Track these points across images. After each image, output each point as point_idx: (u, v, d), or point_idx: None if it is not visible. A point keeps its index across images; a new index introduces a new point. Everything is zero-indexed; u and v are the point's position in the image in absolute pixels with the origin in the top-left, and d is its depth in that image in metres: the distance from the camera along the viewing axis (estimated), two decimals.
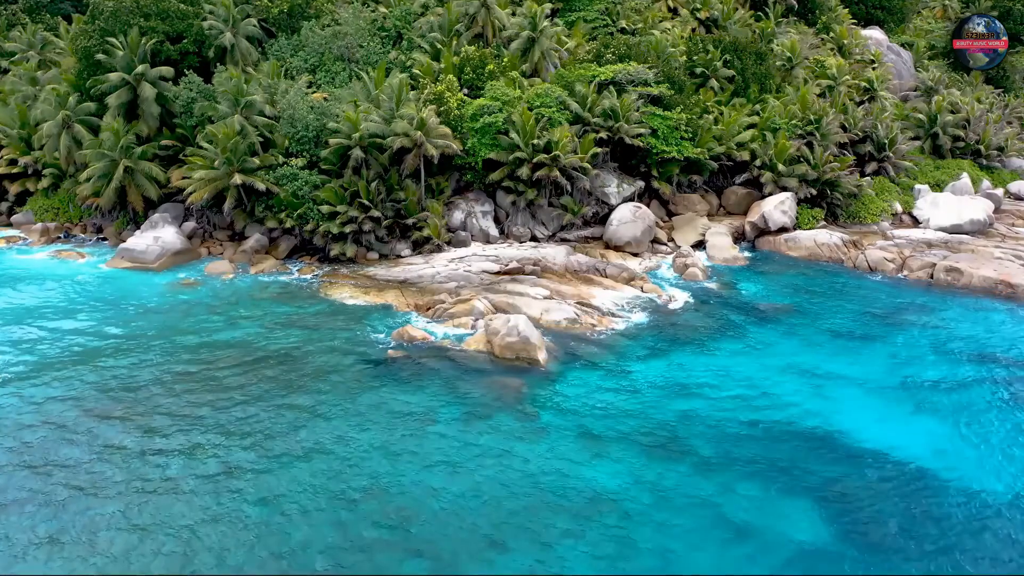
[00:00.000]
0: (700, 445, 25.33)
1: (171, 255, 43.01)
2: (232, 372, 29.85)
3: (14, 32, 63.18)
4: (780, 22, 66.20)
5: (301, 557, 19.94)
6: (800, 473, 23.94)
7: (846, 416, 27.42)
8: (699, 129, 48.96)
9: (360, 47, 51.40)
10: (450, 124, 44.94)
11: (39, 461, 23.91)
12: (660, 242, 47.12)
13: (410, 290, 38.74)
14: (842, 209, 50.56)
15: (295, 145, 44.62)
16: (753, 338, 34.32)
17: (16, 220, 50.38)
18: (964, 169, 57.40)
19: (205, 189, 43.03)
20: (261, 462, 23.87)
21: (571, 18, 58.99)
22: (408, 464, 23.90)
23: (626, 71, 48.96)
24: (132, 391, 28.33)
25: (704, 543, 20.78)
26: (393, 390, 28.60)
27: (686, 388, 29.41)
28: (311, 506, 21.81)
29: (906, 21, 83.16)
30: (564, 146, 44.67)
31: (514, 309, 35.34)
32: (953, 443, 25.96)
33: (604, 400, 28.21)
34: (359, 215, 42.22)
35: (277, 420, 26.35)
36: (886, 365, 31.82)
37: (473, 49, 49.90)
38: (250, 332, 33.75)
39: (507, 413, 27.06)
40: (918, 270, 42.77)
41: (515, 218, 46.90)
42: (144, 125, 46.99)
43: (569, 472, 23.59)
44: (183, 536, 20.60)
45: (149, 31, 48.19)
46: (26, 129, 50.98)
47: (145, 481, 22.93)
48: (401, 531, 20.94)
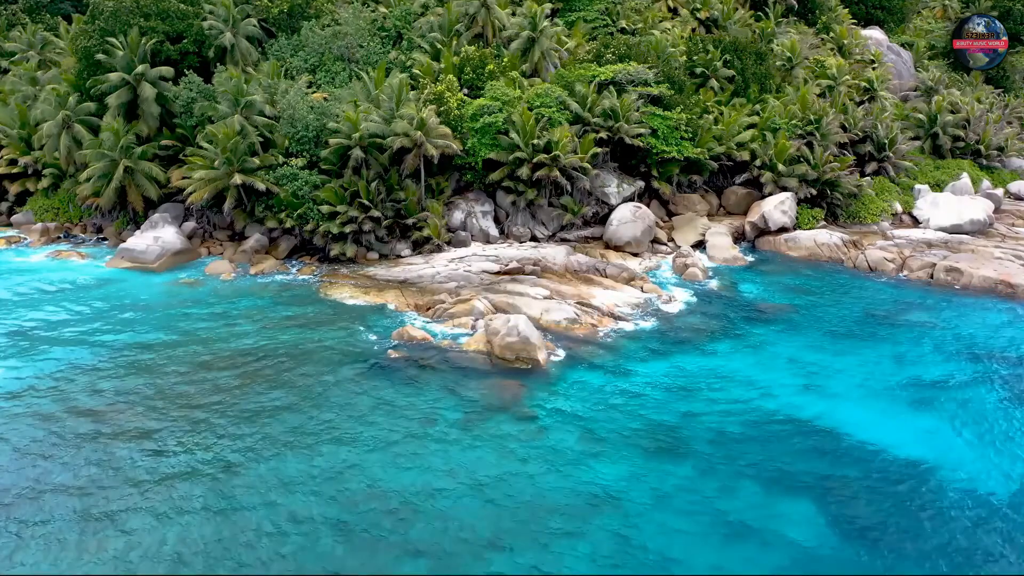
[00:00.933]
0: (700, 445, 25.35)
1: (171, 255, 43.02)
2: (231, 372, 29.88)
3: (14, 32, 63.23)
4: (780, 22, 66.23)
5: (301, 556, 19.96)
6: (800, 473, 23.96)
7: (846, 416, 27.43)
8: (699, 129, 48.96)
9: (360, 47, 51.42)
10: (450, 124, 44.94)
11: (37, 460, 23.91)
12: (660, 242, 47.12)
13: (410, 290, 38.74)
14: (842, 209, 50.56)
15: (295, 145, 44.62)
16: (753, 338, 34.34)
17: (16, 220, 50.38)
18: (964, 169, 57.40)
19: (205, 189, 43.04)
20: (260, 462, 23.88)
21: (571, 18, 59.00)
22: (408, 464, 23.90)
23: (626, 71, 48.95)
24: (131, 391, 28.34)
25: (704, 543, 20.78)
26: (393, 390, 28.61)
27: (686, 388, 29.41)
28: (310, 506, 21.81)
29: (906, 21, 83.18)
30: (564, 146, 44.67)
31: (514, 309, 35.35)
32: (953, 443, 25.99)
33: (604, 400, 28.21)
34: (359, 215, 42.22)
35: (276, 420, 26.36)
36: (886, 365, 31.83)
37: (473, 49, 49.90)
38: (250, 332, 33.76)
39: (507, 413, 27.07)
40: (918, 270, 42.77)
41: (515, 218, 46.90)
42: (144, 125, 47.01)
43: (569, 472, 23.61)
44: (181, 535, 20.61)
45: (149, 31, 48.22)
46: (26, 129, 51.01)
47: (141, 481, 22.93)
48: (401, 531, 20.95)
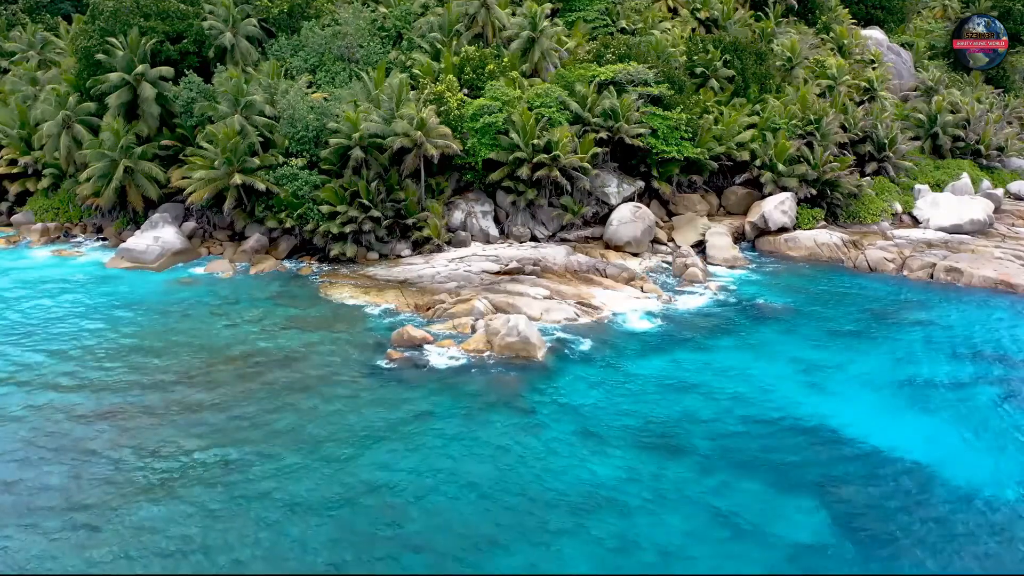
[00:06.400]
0: (699, 443, 25.35)
1: (171, 255, 43.03)
2: (231, 372, 29.88)
3: (14, 32, 63.28)
4: (780, 22, 66.29)
5: (300, 554, 19.95)
6: (799, 471, 23.95)
7: (846, 415, 27.42)
8: (699, 129, 48.96)
9: (360, 47, 51.43)
10: (450, 124, 44.94)
11: (36, 460, 23.91)
12: (660, 242, 47.13)
13: (410, 290, 38.74)
14: (842, 209, 50.57)
15: (295, 145, 44.63)
16: (752, 337, 34.34)
17: (16, 220, 50.39)
18: (964, 169, 57.44)
19: (205, 189, 43.05)
20: (259, 461, 23.87)
21: (571, 18, 59.03)
22: (407, 463, 23.90)
23: (626, 71, 48.95)
24: (130, 391, 28.34)
25: (702, 540, 20.77)
26: (393, 390, 28.61)
27: (686, 387, 29.41)
28: (310, 503, 21.81)
29: (906, 21, 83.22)
30: (564, 146, 44.67)
31: (514, 309, 35.36)
32: (953, 442, 25.97)
33: (604, 399, 28.23)
34: (359, 215, 42.22)
35: (276, 419, 26.35)
36: (886, 364, 31.84)
37: (473, 49, 49.91)
38: (249, 332, 33.76)
39: (506, 412, 27.07)
40: (918, 270, 42.76)
41: (515, 218, 46.90)
42: (144, 125, 47.03)
43: (568, 470, 23.61)
44: (179, 533, 20.59)
45: (149, 31, 48.24)
46: (26, 129, 51.04)
47: (139, 480, 22.92)
48: (399, 528, 20.95)
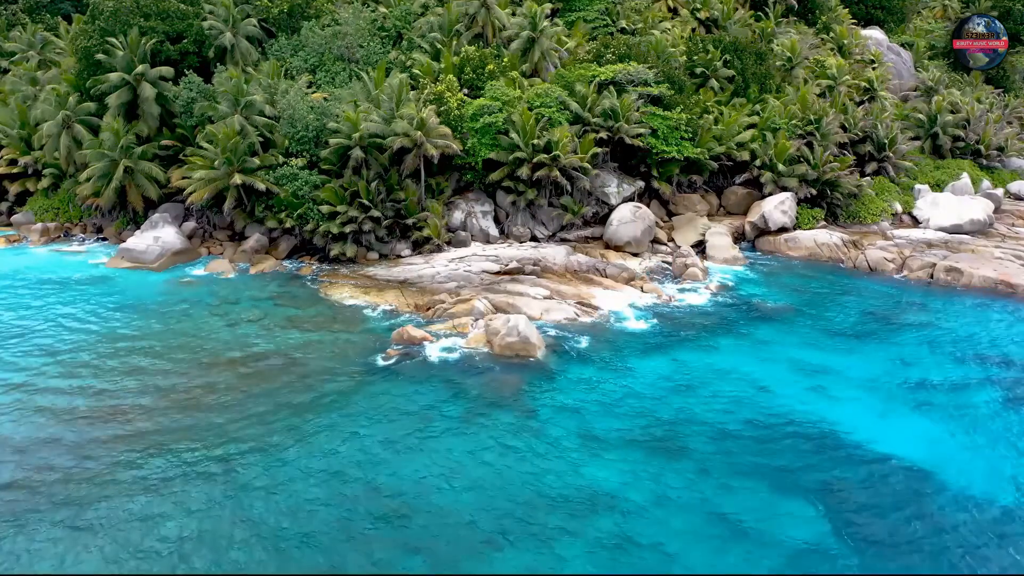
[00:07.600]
0: (699, 444, 25.35)
1: (171, 255, 43.04)
2: (230, 371, 29.88)
3: (14, 32, 63.30)
4: (780, 22, 66.30)
5: (300, 553, 19.95)
6: (799, 472, 23.94)
7: (845, 415, 27.41)
8: (699, 129, 48.97)
9: (360, 47, 51.44)
10: (450, 124, 44.95)
11: (35, 459, 23.91)
12: (660, 242, 47.12)
13: (410, 290, 38.74)
14: (842, 209, 50.57)
15: (295, 145, 44.63)
16: (752, 337, 34.33)
17: (16, 220, 50.39)
18: (964, 169, 57.44)
19: (205, 189, 43.05)
20: (260, 460, 23.87)
21: (571, 18, 59.04)
22: (407, 463, 23.91)
23: (626, 71, 48.96)
24: (129, 391, 28.33)
25: (702, 541, 20.77)
26: (392, 390, 28.60)
27: (686, 387, 29.41)
28: (310, 503, 21.80)
29: (906, 21, 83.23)
30: (564, 146, 44.67)
31: (514, 309, 35.36)
32: (953, 443, 25.96)
33: (604, 399, 28.21)
34: (359, 215, 42.22)
35: (276, 419, 26.35)
36: (886, 365, 31.82)
37: (473, 49, 49.90)
38: (250, 332, 33.77)
39: (506, 412, 27.07)
40: (918, 270, 42.76)
41: (515, 218, 46.90)
42: (144, 125, 47.04)
43: (568, 471, 23.60)
44: (179, 533, 20.59)
45: (149, 31, 48.25)
46: (26, 129, 51.06)
47: (138, 479, 22.92)
48: (400, 528, 20.95)
